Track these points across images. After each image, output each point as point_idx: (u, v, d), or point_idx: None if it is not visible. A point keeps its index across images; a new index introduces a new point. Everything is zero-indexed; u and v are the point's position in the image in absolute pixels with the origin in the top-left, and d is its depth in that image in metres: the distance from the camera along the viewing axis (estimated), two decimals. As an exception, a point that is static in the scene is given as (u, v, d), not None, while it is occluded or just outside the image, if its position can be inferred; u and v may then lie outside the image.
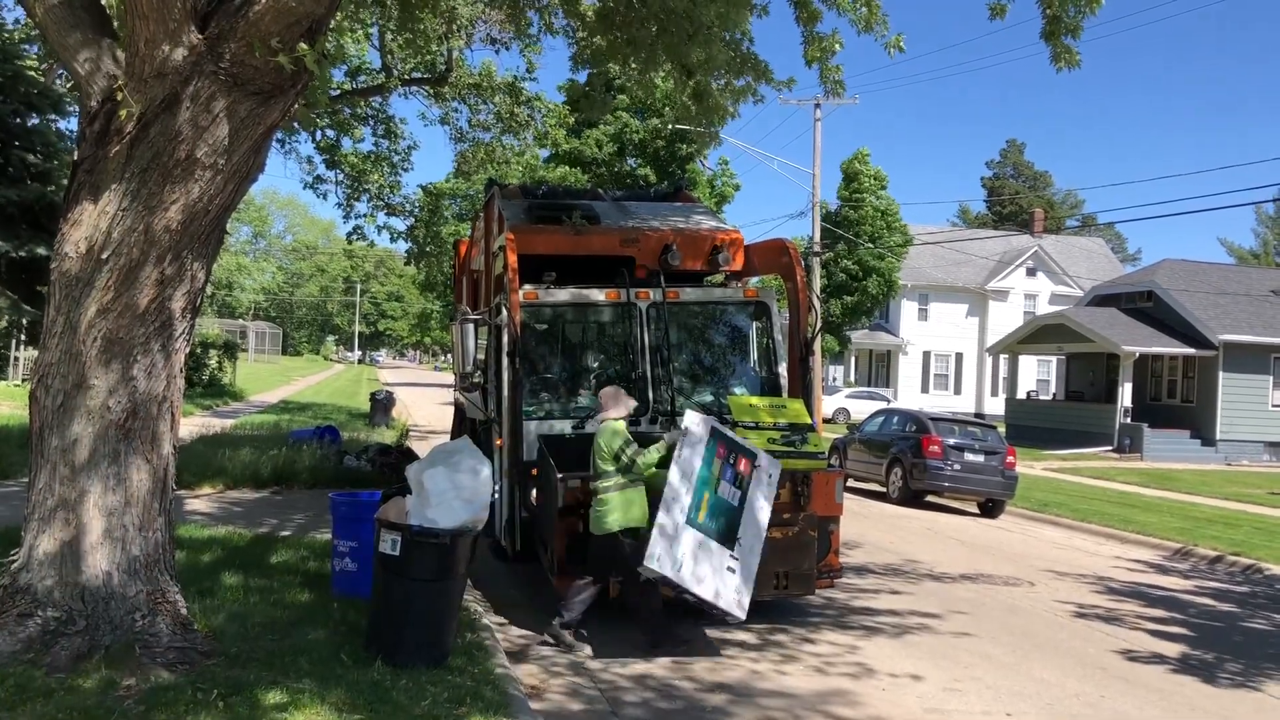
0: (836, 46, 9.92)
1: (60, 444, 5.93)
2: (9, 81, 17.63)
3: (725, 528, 7.81)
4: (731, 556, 7.74)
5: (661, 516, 7.57)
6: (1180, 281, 34.47)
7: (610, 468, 8.09)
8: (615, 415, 8.30)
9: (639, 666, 7.68)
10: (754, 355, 10.59)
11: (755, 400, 9.43)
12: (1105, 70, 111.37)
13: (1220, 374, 31.85)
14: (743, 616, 7.76)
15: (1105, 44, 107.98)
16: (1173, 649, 9.23)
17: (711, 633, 8.63)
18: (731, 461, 8.03)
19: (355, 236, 25.83)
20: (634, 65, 10.78)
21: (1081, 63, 9.12)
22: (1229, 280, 36.01)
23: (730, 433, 8.31)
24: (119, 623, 5.90)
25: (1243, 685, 8.20)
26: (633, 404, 8.59)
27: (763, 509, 8.08)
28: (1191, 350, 31.97)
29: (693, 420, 8.10)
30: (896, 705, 7.09)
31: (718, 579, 7.63)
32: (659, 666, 7.70)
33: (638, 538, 7.89)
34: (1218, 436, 31.87)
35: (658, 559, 7.44)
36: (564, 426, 9.63)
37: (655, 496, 7.87)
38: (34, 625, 5.78)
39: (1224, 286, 34.71)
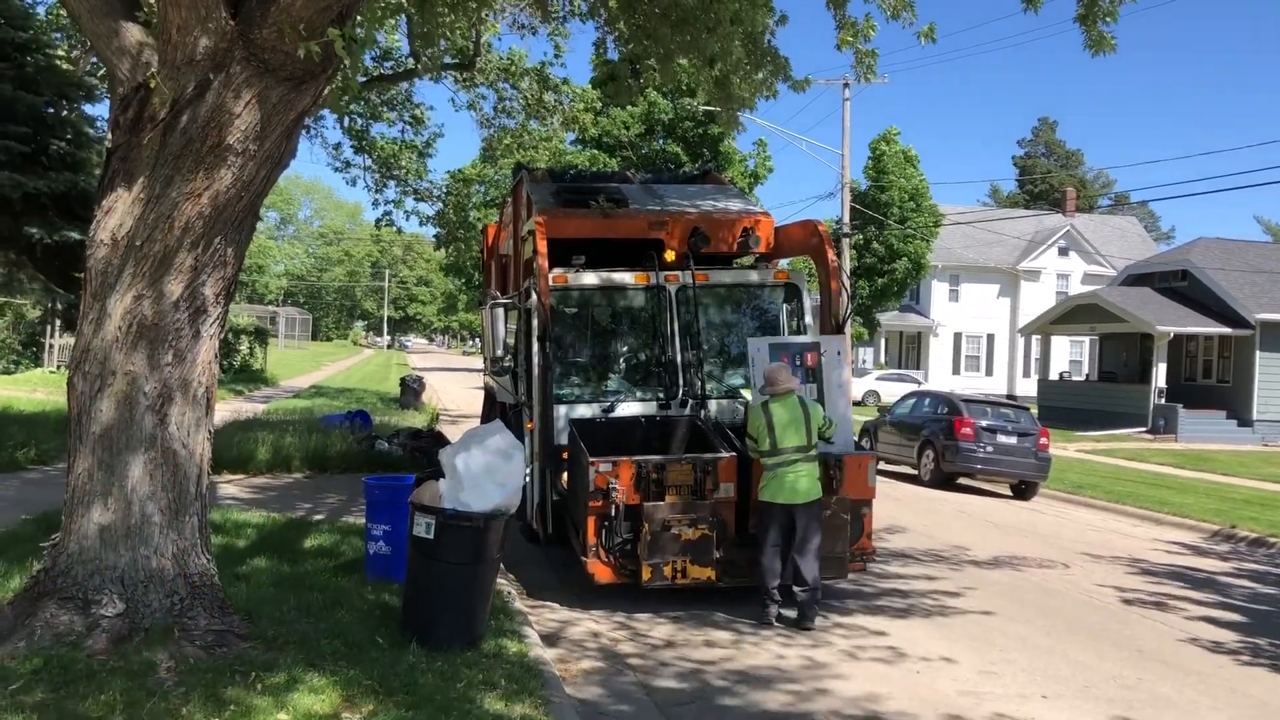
0: (871, 32, 9.80)
1: (98, 430, 5.98)
2: (41, 72, 17.77)
3: None
4: None
5: None
6: (1215, 260, 33.95)
7: (815, 440, 8.58)
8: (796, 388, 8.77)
9: (672, 650, 7.69)
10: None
11: None
12: (1138, 45, 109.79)
13: (1257, 353, 31.34)
14: None
15: (1137, 18, 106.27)
16: (1211, 631, 9.14)
17: (746, 616, 8.63)
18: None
19: (385, 223, 25.86)
20: (654, 61, 10.71)
21: (1116, 47, 8.94)
22: (1266, 258, 35.39)
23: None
24: (157, 606, 5.96)
25: (1283, 668, 8.10)
26: None
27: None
28: (1227, 329, 31.50)
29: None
30: (931, 688, 7.06)
31: None
32: (697, 650, 7.70)
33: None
34: (1254, 417, 31.42)
35: None
36: (594, 410, 9.64)
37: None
38: (74, 609, 5.85)
39: (1261, 264, 34.13)
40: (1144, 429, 31.55)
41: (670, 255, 10.29)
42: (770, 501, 8.50)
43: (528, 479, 9.07)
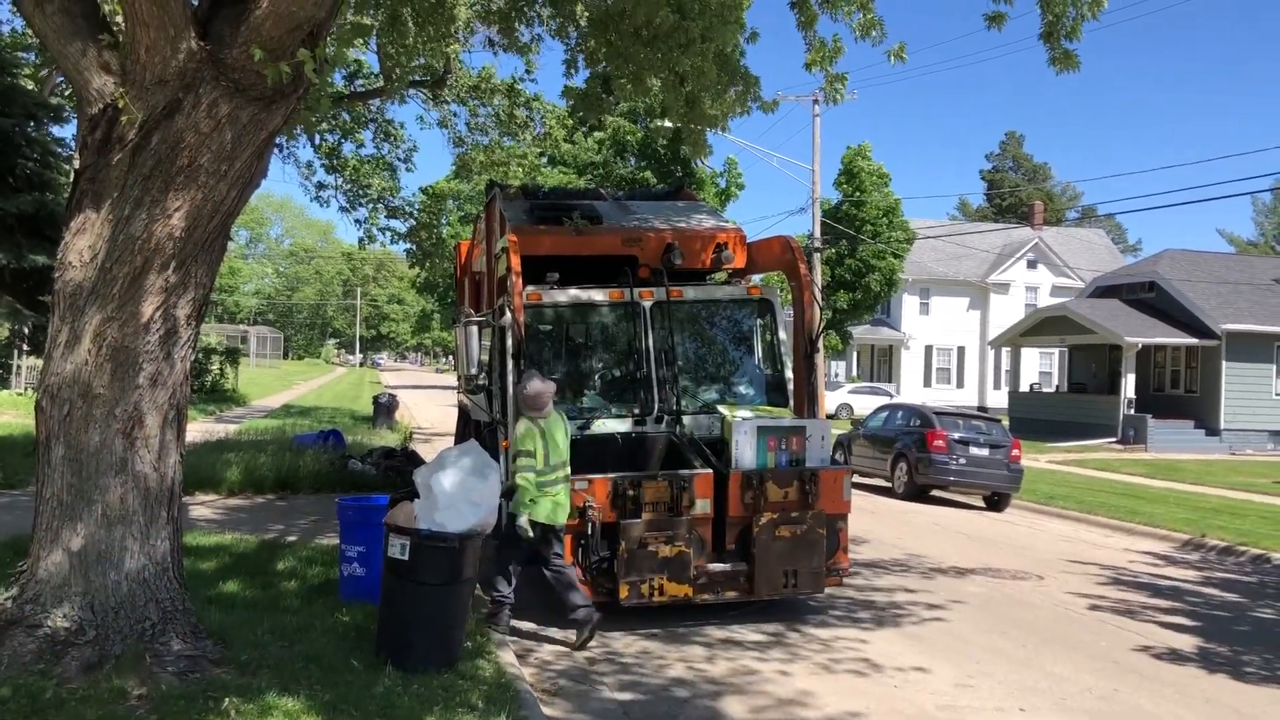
0: (838, 54, 9.83)
1: (67, 454, 5.91)
2: (7, 92, 17.56)
3: None
4: None
5: None
6: (1182, 271, 34.42)
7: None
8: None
9: (648, 666, 7.66)
10: (758, 353, 10.57)
11: (746, 412, 9.46)
12: (1104, 61, 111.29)
13: (1223, 363, 31.79)
14: None
15: (1103, 34, 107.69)
16: (1185, 641, 9.21)
17: (722, 632, 8.61)
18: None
19: (366, 240, 25.63)
20: (627, 77, 10.71)
21: (1080, 65, 9.02)
22: (1231, 269, 35.94)
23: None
24: (129, 632, 5.88)
25: (1258, 677, 8.17)
26: None
27: None
28: (1194, 340, 31.91)
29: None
30: (909, 702, 7.07)
31: None
32: (672, 667, 7.68)
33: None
34: (1222, 426, 31.83)
35: None
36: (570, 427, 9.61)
37: None
38: (43, 636, 5.76)
39: (1226, 276, 34.64)
40: (1114, 439, 31.87)
41: (644, 272, 10.32)
42: (548, 523, 8.08)
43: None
